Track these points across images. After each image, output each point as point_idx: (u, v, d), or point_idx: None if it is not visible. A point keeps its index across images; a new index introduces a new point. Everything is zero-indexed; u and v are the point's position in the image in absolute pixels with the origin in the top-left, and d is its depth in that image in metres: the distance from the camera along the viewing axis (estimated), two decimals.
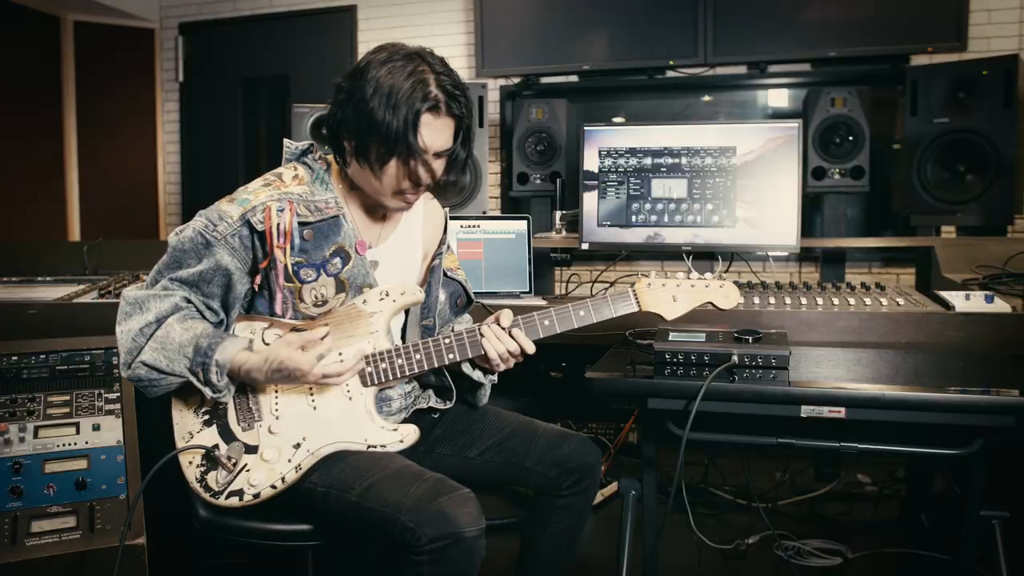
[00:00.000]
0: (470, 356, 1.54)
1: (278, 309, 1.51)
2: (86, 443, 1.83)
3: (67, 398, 1.88)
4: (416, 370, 1.53)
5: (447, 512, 1.30)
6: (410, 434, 1.51)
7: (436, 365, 1.54)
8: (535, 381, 3.30)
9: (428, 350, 1.53)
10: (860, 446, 1.52)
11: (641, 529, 1.79)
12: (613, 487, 2.85)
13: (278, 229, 1.47)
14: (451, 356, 1.54)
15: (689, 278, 1.60)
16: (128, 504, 1.77)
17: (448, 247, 1.72)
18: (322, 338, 1.45)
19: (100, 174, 5.01)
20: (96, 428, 1.85)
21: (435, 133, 1.44)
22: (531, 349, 1.53)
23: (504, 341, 1.52)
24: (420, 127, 1.41)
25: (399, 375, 1.53)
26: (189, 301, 1.48)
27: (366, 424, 1.50)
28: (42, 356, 1.93)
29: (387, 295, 1.54)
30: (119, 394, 1.91)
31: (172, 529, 2.00)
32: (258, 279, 1.52)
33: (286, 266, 1.48)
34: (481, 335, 1.53)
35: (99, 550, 1.69)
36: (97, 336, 1.99)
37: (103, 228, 4.74)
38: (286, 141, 1.63)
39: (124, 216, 5.09)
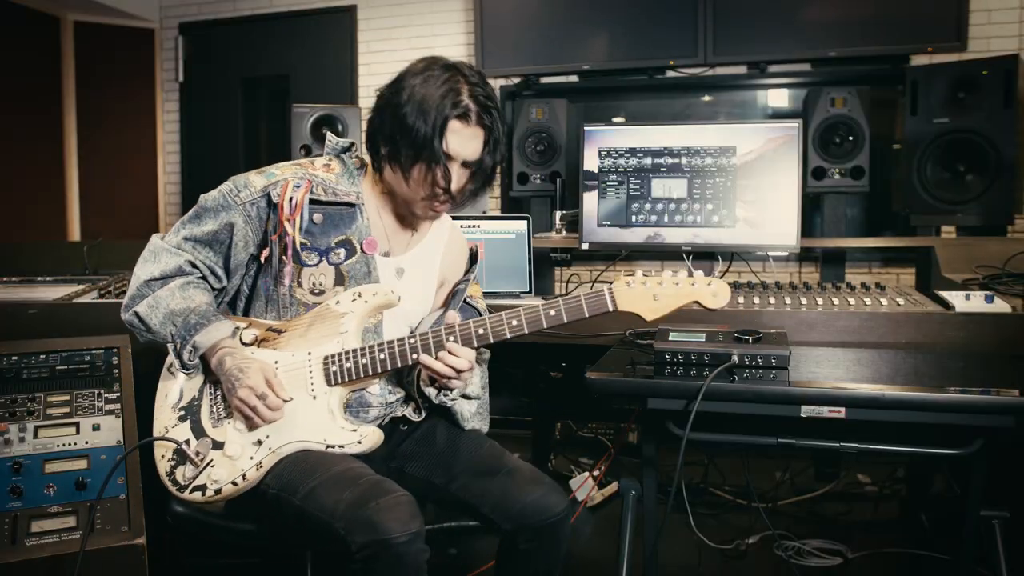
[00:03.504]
0: (435, 356, 1.48)
1: (283, 288, 1.54)
2: (86, 443, 1.83)
3: (67, 398, 1.88)
4: (380, 369, 1.50)
5: (373, 519, 1.27)
6: (369, 435, 1.48)
7: (399, 365, 1.50)
8: (535, 381, 3.30)
9: (392, 349, 1.50)
10: (860, 446, 1.52)
11: (641, 529, 1.79)
12: (613, 487, 2.85)
13: (290, 202, 1.52)
14: (414, 356, 1.49)
15: (674, 276, 1.49)
16: (128, 504, 1.77)
17: (475, 278, 1.72)
18: (282, 401, 1.48)
19: (100, 174, 5.00)
20: (96, 428, 1.85)
21: (464, 141, 1.47)
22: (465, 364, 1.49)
23: (459, 352, 1.47)
24: (447, 133, 1.45)
25: (362, 374, 1.50)
26: (195, 266, 1.55)
27: (327, 423, 1.49)
28: (42, 356, 1.92)
29: (359, 296, 1.54)
30: (119, 394, 1.91)
31: (172, 528, 1.99)
32: (265, 252, 1.55)
33: (294, 239, 1.51)
34: (447, 335, 1.48)
35: (99, 550, 1.69)
36: (97, 336, 1.99)
37: (103, 228, 4.74)
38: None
39: (124, 216, 5.09)
